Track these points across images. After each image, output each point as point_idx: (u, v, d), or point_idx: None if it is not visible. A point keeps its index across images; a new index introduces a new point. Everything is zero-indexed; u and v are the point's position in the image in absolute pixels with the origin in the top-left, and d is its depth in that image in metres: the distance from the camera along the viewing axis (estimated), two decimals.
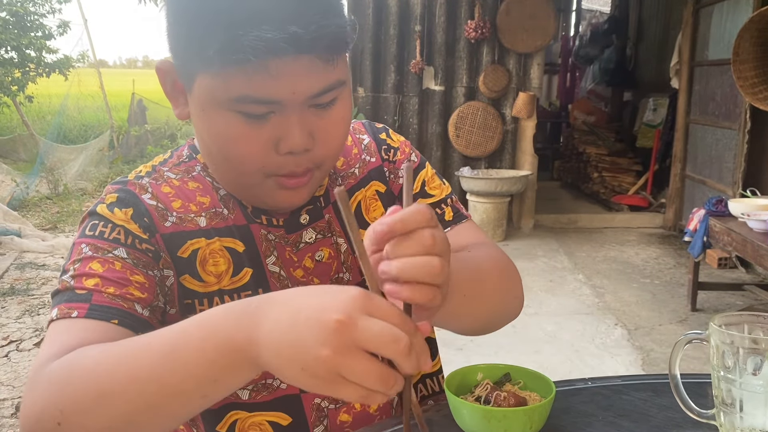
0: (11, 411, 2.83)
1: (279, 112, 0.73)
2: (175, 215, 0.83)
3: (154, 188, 0.84)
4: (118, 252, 0.77)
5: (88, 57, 11.76)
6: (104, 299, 0.74)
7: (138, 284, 0.76)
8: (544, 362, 3.22)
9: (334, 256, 0.89)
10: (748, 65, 3.74)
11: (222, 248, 0.83)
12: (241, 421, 0.85)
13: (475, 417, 0.78)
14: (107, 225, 0.79)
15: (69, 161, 9.08)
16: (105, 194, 0.83)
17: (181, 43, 0.74)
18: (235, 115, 0.73)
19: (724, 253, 4.76)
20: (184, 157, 0.89)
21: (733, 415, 0.74)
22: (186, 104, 0.80)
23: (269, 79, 0.70)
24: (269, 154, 0.75)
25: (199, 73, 0.73)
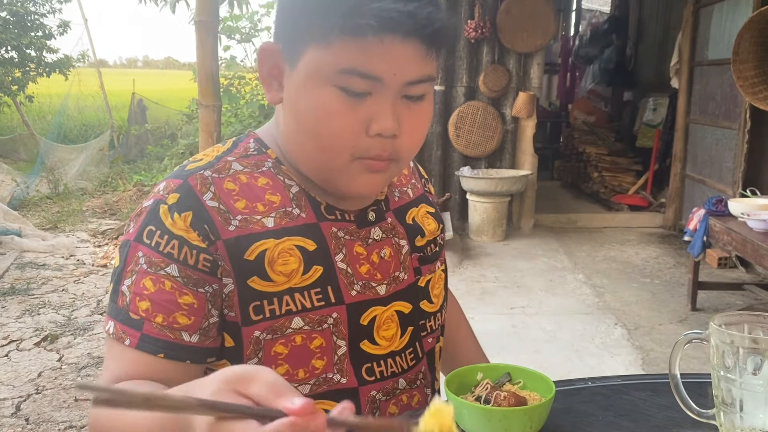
0: (11, 410, 2.83)
1: (376, 93, 0.77)
2: (239, 218, 0.82)
3: (216, 185, 0.83)
4: (170, 269, 0.79)
5: (88, 57, 11.78)
6: (153, 329, 0.78)
7: (186, 307, 0.79)
8: (543, 362, 3.22)
9: (394, 256, 0.92)
10: (748, 65, 3.74)
11: (292, 247, 0.83)
12: None
13: (475, 417, 0.79)
14: (164, 236, 0.80)
15: (69, 161, 9.08)
16: (166, 190, 0.82)
17: (297, 16, 0.79)
18: (336, 90, 0.77)
19: (724, 253, 4.76)
20: (251, 150, 0.89)
21: (733, 414, 0.74)
22: (279, 89, 0.83)
23: (378, 55, 0.75)
24: (360, 135, 0.79)
25: (310, 47, 0.77)
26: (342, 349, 0.86)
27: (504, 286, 4.41)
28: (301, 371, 0.84)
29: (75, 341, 3.58)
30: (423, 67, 0.78)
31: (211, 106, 3.32)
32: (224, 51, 9.06)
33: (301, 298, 0.83)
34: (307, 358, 0.84)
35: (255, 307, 0.82)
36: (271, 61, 0.83)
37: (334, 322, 0.85)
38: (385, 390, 0.90)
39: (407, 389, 0.93)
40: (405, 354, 0.92)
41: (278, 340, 0.82)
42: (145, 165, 9.91)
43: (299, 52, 0.79)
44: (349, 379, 0.87)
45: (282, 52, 0.82)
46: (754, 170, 4.74)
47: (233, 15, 8.82)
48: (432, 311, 0.97)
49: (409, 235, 0.95)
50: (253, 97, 8.96)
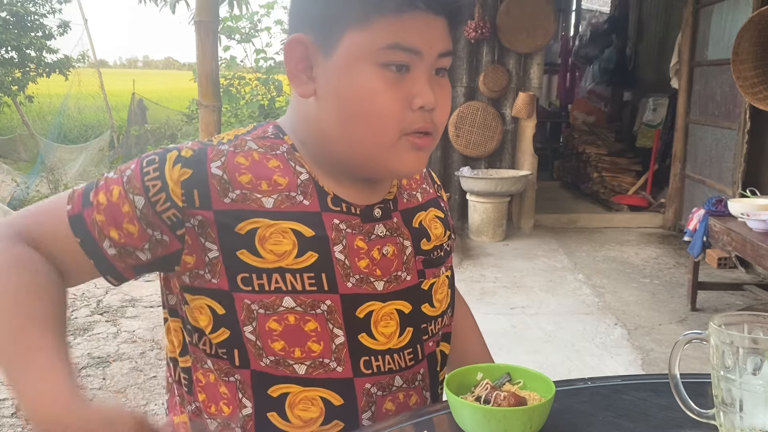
0: (12, 410, 2.83)
1: (413, 69, 0.83)
2: (238, 192, 0.85)
3: (228, 156, 0.86)
4: (137, 200, 0.84)
5: (88, 57, 11.79)
6: (89, 218, 0.85)
7: (124, 232, 0.85)
8: (543, 362, 3.23)
9: (398, 255, 0.93)
10: (747, 65, 3.74)
11: (287, 230, 0.85)
12: (293, 395, 0.87)
13: (475, 417, 0.79)
14: (156, 171, 0.84)
15: (69, 161, 9.08)
16: (188, 145, 0.87)
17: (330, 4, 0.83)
18: (379, 69, 0.81)
19: (724, 253, 4.76)
20: (269, 133, 0.92)
21: (733, 414, 0.74)
22: (309, 81, 0.86)
23: (415, 29, 0.81)
24: (405, 110, 0.83)
25: (348, 31, 0.81)
26: (340, 338, 0.87)
27: (504, 286, 4.41)
28: (297, 350, 0.86)
29: (75, 341, 3.58)
30: (449, 42, 0.85)
31: (211, 107, 3.32)
32: (224, 51, 9.06)
33: (292, 279, 0.85)
34: (302, 338, 0.86)
35: (243, 278, 0.84)
36: (300, 53, 0.85)
37: (328, 310, 0.86)
38: (380, 385, 0.90)
39: (404, 388, 0.93)
40: (404, 353, 0.92)
41: (271, 317, 0.85)
42: None
43: (336, 39, 0.82)
44: (345, 369, 0.88)
45: (313, 42, 0.84)
46: (753, 170, 4.75)
47: (233, 15, 8.83)
48: (433, 315, 0.97)
49: (414, 237, 0.96)
50: (253, 97, 8.96)
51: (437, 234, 1.00)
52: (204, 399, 0.91)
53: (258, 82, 9.20)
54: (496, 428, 0.77)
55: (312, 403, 0.87)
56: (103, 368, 3.23)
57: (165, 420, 0.90)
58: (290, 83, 0.87)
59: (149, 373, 3.16)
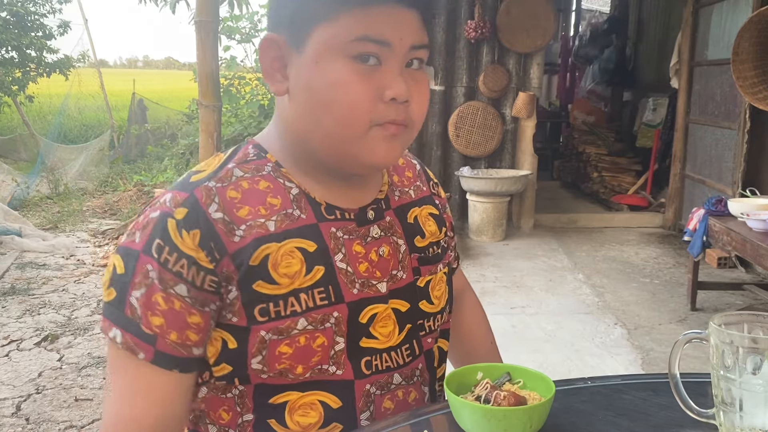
0: (12, 410, 2.83)
1: (385, 62, 0.83)
2: (243, 227, 0.83)
3: (220, 194, 0.84)
4: (179, 289, 0.81)
5: (88, 57, 11.79)
6: (167, 346, 0.81)
7: (194, 326, 0.82)
8: (543, 361, 3.23)
9: (393, 254, 0.93)
10: (747, 65, 3.74)
11: (294, 249, 0.85)
12: (293, 402, 0.87)
13: (475, 416, 0.79)
14: (172, 253, 0.80)
15: (69, 161, 9.09)
16: (173, 203, 0.83)
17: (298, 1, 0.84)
18: (349, 61, 0.82)
19: (724, 253, 4.76)
20: (251, 155, 0.90)
21: (732, 414, 0.74)
22: (283, 80, 0.86)
23: (384, 21, 0.81)
24: (376, 102, 0.83)
25: (317, 27, 0.82)
26: (340, 345, 0.87)
27: (504, 285, 4.42)
28: (300, 367, 0.85)
29: (75, 341, 3.58)
30: (421, 35, 0.85)
31: (211, 106, 3.32)
32: (224, 51, 9.06)
33: (306, 297, 0.84)
34: (308, 356, 0.85)
35: (261, 309, 0.83)
36: (274, 52, 0.86)
37: (336, 321, 0.86)
38: (379, 384, 0.90)
39: (403, 385, 0.93)
40: (401, 350, 0.93)
41: (283, 341, 0.84)
42: (146, 165, 9.92)
43: (306, 35, 0.83)
44: (345, 371, 0.88)
45: (286, 41, 0.85)
46: (753, 170, 4.75)
47: (233, 15, 8.83)
48: (431, 312, 0.97)
49: (408, 234, 0.96)
50: (253, 97, 8.96)
51: (431, 231, 1.00)
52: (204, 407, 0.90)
53: (258, 82, 9.21)
54: (496, 428, 0.78)
55: (311, 407, 0.87)
56: (103, 368, 3.23)
57: None
58: (265, 82, 0.88)
59: None
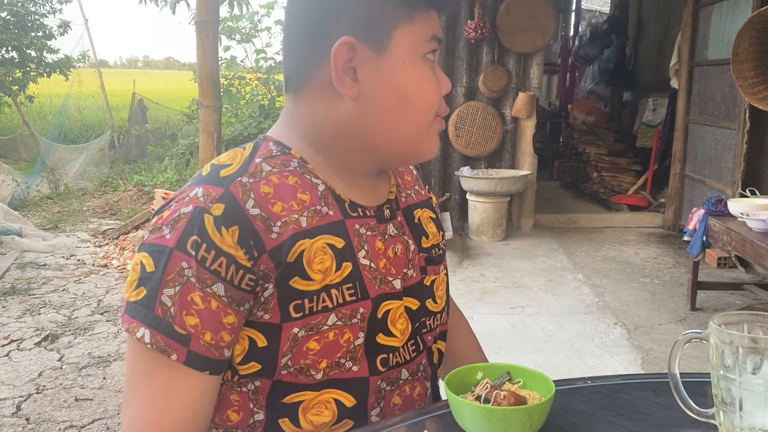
0: (12, 410, 2.83)
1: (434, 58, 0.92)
2: (279, 224, 0.82)
3: (254, 190, 0.83)
4: (217, 288, 0.79)
5: (88, 57, 11.79)
6: (200, 347, 0.79)
7: (229, 326, 0.80)
8: (543, 361, 3.23)
9: (404, 253, 0.95)
10: (747, 65, 3.74)
11: (325, 245, 0.86)
12: (308, 401, 0.87)
13: (475, 416, 0.79)
14: (210, 250, 0.78)
15: (70, 161, 9.09)
16: (208, 198, 0.81)
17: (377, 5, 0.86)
18: (426, 60, 0.89)
19: (724, 253, 4.76)
20: (275, 151, 0.89)
21: (732, 414, 0.74)
22: (353, 84, 0.87)
23: (437, 22, 0.91)
24: (440, 96, 0.92)
25: (398, 28, 0.86)
26: (359, 340, 0.88)
27: (504, 285, 4.42)
28: (325, 362, 0.86)
29: (75, 341, 3.58)
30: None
31: (211, 106, 3.33)
32: (224, 51, 9.06)
33: (337, 293, 0.85)
34: (334, 352, 0.86)
35: (296, 305, 0.83)
36: (347, 55, 0.85)
37: (361, 317, 0.87)
38: (389, 380, 0.92)
39: (410, 380, 0.95)
40: (407, 345, 0.94)
41: (313, 337, 0.84)
42: (146, 165, 9.92)
43: (388, 37, 0.86)
44: (361, 368, 0.88)
45: (363, 43, 0.86)
46: (753, 170, 4.75)
47: (233, 15, 8.83)
48: (435, 311, 0.99)
49: (415, 234, 0.99)
50: (253, 97, 8.96)
51: (432, 232, 1.03)
52: None
53: (258, 82, 9.21)
54: (496, 427, 0.78)
55: (325, 406, 0.87)
56: (103, 368, 3.23)
57: None
58: (337, 86, 0.86)
59: None
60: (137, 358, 0.81)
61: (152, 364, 0.80)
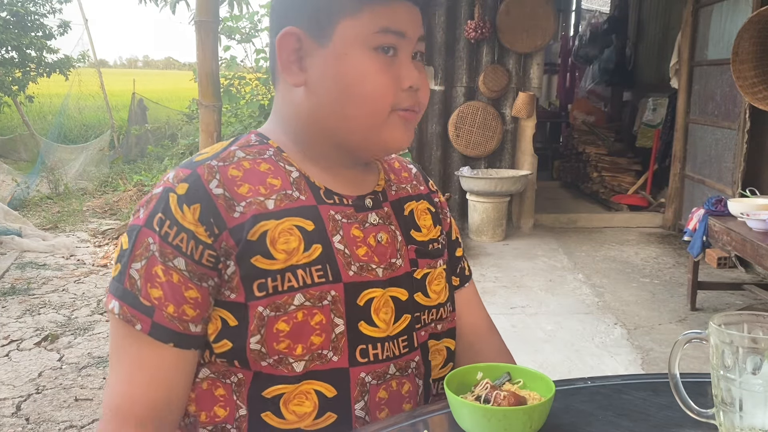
0: (12, 410, 2.83)
1: (400, 51, 0.90)
2: (243, 204, 0.87)
3: (221, 172, 0.88)
4: (178, 262, 0.84)
5: (88, 57, 11.78)
6: (164, 319, 0.84)
7: (192, 301, 0.84)
8: (543, 361, 3.23)
9: (391, 242, 0.96)
10: (747, 65, 3.74)
11: (292, 227, 0.88)
12: (288, 393, 0.87)
13: (475, 416, 0.79)
14: (173, 227, 0.84)
15: (69, 161, 9.08)
16: (176, 179, 0.87)
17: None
18: (373, 54, 0.88)
19: (724, 253, 4.76)
20: (253, 141, 0.95)
21: (732, 414, 0.74)
22: (299, 72, 0.91)
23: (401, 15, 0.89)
24: (396, 89, 0.90)
25: (342, 21, 0.88)
26: (340, 327, 0.89)
27: (504, 285, 4.42)
28: (300, 347, 0.86)
29: (75, 341, 3.58)
30: (421, 28, 0.93)
31: (211, 106, 3.32)
32: (224, 51, 9.05)
33: (303, 274, 0.87)
34: (306, 334, 0.87)
35: (259, 284, 0.85)
36: (292, 45, 0.90)
37: (333, 300, 0.88)
38: (375, 373, 0.91)
39: (398, 376, 0.94)
40: (398, 340, 0.94)
41: (281, 318, 0.85)
42: (146, 165, 9.91)
43: (331, 29, 0.88)
44: (341, 358, 0.89)
45: (307, 34, 0.89)
46: (753, 170, 4.75)
47: (233, 15, 8.82)
48: (427, 305, 0.98)
49: (404, 227, 0.99)
50: (253, 97, 8.95)
51: (427, 225, 1.03)
52: (193, 410, 0.90)
53: (258, 82, 9.19)
54: (496, 428, 0.78)
55: (306, 397, 0.88)
56: (103, 368, 3.23)
57: None
58: (282, 74, 0.91)
59: None
60: (113, 334, 0.86)
61: (124, 340, 0.85)
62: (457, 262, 1.10)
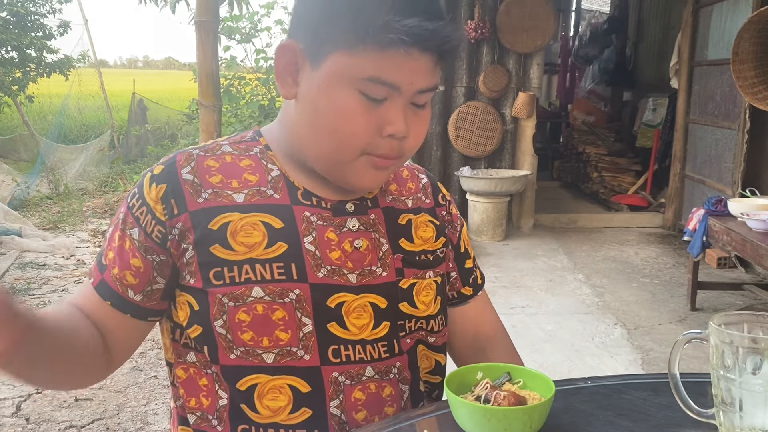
0: (12, 410, 2.83)
1: (391, 99, 0.85)
2: (210, 191, 0.90)
3: (198, 161, 0.92)
4: (133, 232, 0.90)
5: (88, 57, 11.78)
6: (109, 278, 0.91)
7: (134, 269, 0.90)
8: (543, 362, 3.23)
9: (371, 250, 0.95)
10: (747, 65, 3.74)
11: (258, 222, 0.90)
12: (261, 385, 0.89)
13: (474, 416, 0.79)
14: (139, 199, 0.91)
15: (69, 161, 9.08)
16: (159, 162, 0.94)
17: (324, 21, 0.84)
18: (358, 94, 0.84)
19: (724, 253, 4.76)
20: (247, 138, 0.98)
21: (732, 414, 0.74)
22: (293, 85, 0.89)
23: (399, 65, 0.82)
24: (374, 135, 0.86)
25: (336, 51, 0.83)
26: (308, 327, 0.89)
27: (504, 286, 4.42)
28: (266, 339, 0.88)
29: None
30: (432, 77, 0.86)
31: (211, 107, 3.32)
32: (224, 51, 9.05)
33: (262, 269, 0.88)
34: (270, 328, 0.88)
35: (215, 272, 0.88)
36: (289, 58, 0.89)
37: (297, 299, 0.89)
38: (349, 374, 0.92)
39: (376, 378, 0.94)
40: (377, 345, 0.93)
41: (240, 308, 0.88)
42: (146, 165, 9.91)
43: (323, 55, 0.85)
44: (312, 357, 0.90)
45: (303, 51, 0.87)
46: (753, 170, 4.75)
47: (233, 15, 8.82)
48: (413, 314, 0.97)
49: (392, 235, 0.98)
50: (253, 97, 8.96)
51: (425, 237, 1.01)
52: (183, 393, 0.93)
53: (258, 82, 9.19)
54: (496, 427, 0.78)
55: (280, 391, 0.89)
56: None
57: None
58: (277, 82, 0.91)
59: (149, 372, 3.16)
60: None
61: (83, 282, 0.94)
62: (468, 273, 1.11)
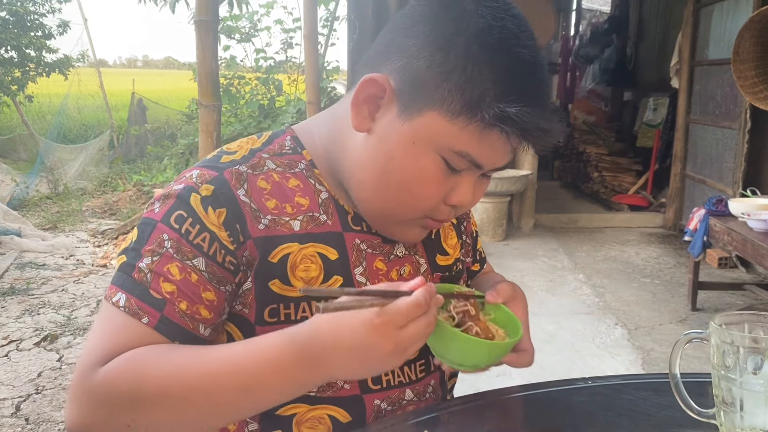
0: (11, 410, 2.83)
1: (468, 171, 0.81)
2: (269, 218, 0.82)
3: (250, 181, 0.82)
4: (198, 262, 0.78)
5: (88, 56, 11.79)
6: (175, 314, 0.77)
7: (207, 303, 0.79)
8: (544, 362, 3.22)
9: (412, 274, 0.92)
10: (748, 65, 3.74)
11: (315, 254, 0.84)
12: (301, 414, 0.86)
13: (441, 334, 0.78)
14: (195, 225, 0.79)
15: (69, 161, 9.08)
16: (200, 179, 0.81)
17: (435, 75, 0.75)
18: (441, 161, 0.78)
19: (724, 253, 4.76)
20: (286, 148, 0.88)
21: (733, 414, 0.74)
22: (368, 118, 0.81)
23: (492, 148, 0.77)
24: (439, 201, 0.82)
25: (434, 111, 0.76)
26: None
27: None
28: None
29: (75, 341, 3.58)
30: (510, 157, 0.82)
31: (210, 106, 3.32)
32: (224, 51, 9.06)
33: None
34: None
35: (271, 309, 0.82)
36: (375, 92, 0.80)
37: None
38: (390, 399, 0.89)
39: (414, 401, 0.92)
40: (415, 365, 0.92)
41: None
42: (145, 165, 9.91)
43: (419, 109, 0.77)
44: (353, 386, 0.87)
45: (394, 92, 0.79)
46: (754, 170, 4.75)
47: (233, 15, 8.83)
48: None
49: (430, 253, 0.96)
50: (252, 96, 8.96)
51: (452, 244, 0.99)
52: None
53: (258, 81, 9.20)
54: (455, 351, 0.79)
55: (320, 421, 0.86)
56: None
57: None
58: (351, 110, 0.81)
59: None
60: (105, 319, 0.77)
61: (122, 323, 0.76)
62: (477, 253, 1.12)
